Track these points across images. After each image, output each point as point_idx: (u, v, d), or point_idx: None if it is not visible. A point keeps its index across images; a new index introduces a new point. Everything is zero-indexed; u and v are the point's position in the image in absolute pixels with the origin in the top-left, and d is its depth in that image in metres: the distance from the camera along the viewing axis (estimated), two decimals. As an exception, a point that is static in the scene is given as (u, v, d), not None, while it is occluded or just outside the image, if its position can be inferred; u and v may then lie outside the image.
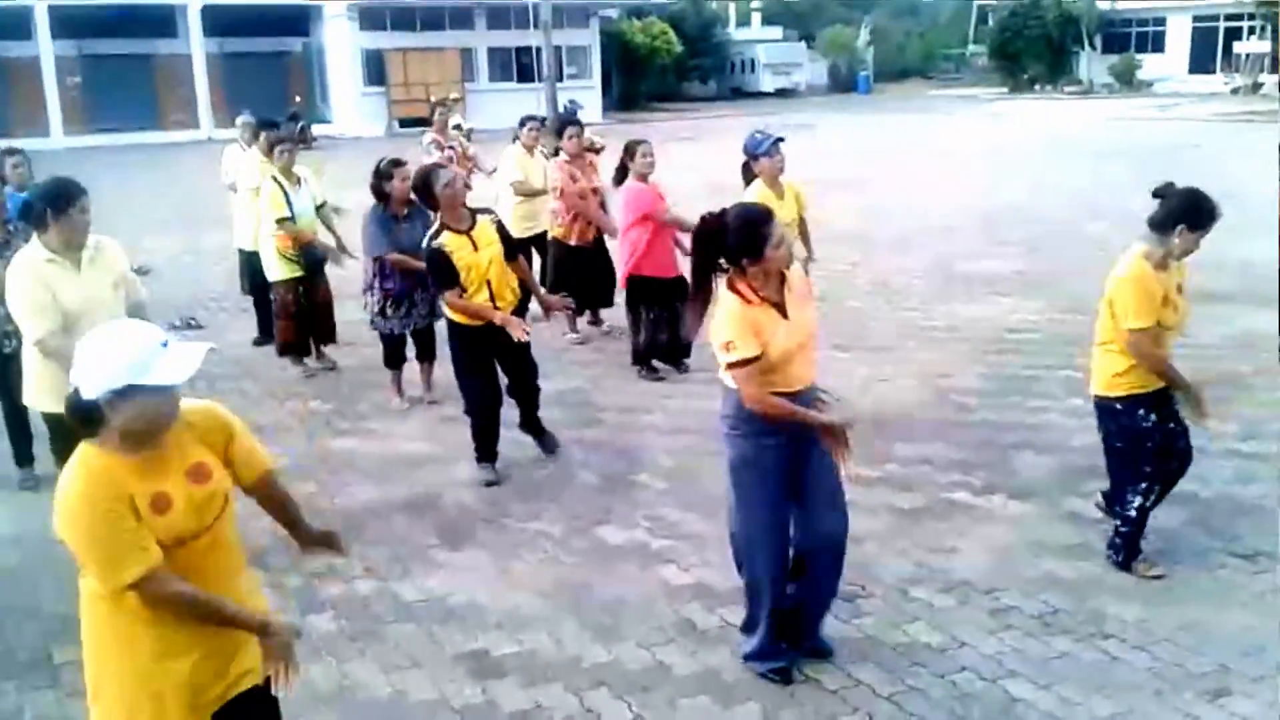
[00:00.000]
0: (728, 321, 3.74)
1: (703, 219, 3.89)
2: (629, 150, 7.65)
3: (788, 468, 3.88)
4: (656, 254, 7.61)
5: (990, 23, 53.47)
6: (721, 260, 3.83)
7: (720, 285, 3.84)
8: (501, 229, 5.88)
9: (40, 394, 4.83)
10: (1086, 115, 32.59)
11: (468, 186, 8.01)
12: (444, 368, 7.40)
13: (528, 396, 6.17)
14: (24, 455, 6.06)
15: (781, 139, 6.95)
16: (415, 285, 7.06)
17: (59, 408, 4.54)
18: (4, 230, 5.87)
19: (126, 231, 4.84)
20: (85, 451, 2.55)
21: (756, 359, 3.70)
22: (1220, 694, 3.88)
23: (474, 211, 5.86)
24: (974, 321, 9.13)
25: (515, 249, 6.01)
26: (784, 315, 3.77)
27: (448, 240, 5.66)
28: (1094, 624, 4.36)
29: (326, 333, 8.20)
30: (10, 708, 3.96)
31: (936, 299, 10.03)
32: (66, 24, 33.20)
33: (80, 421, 2.54)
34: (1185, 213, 4.45)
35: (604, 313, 9.07)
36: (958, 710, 3.81)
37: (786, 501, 3.94)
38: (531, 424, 6.28)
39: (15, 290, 4.63)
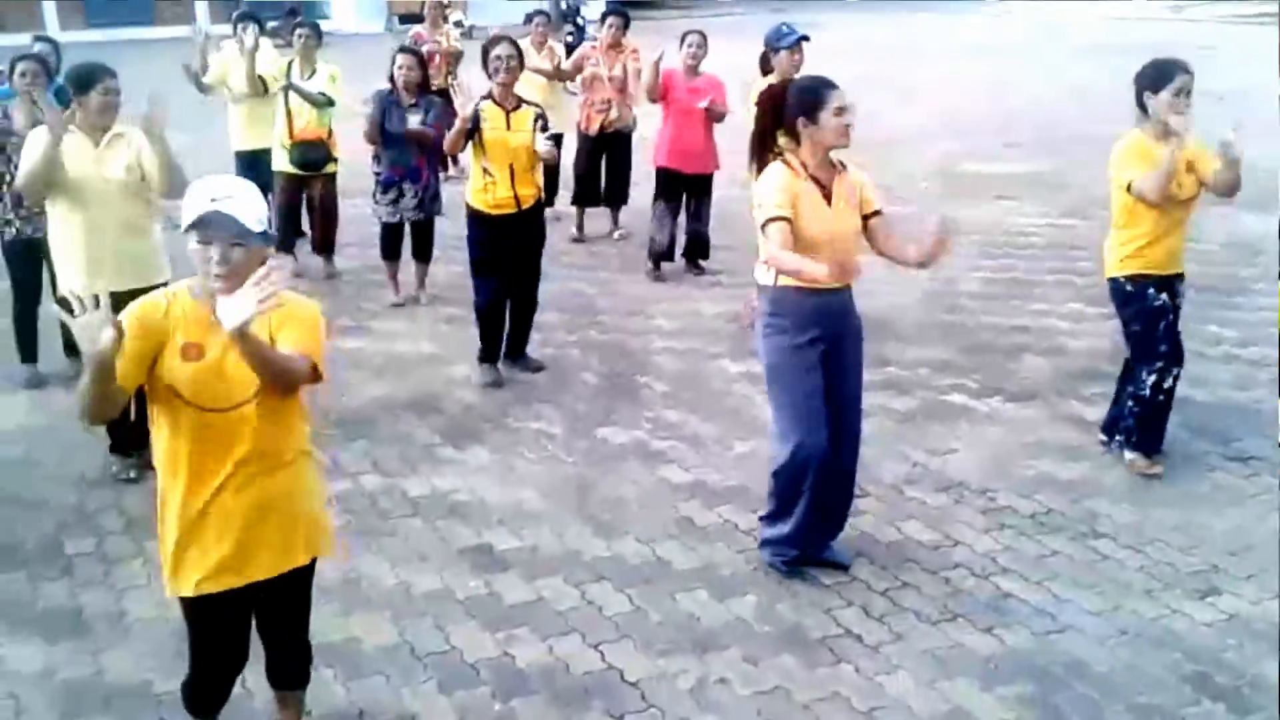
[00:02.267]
0: (770, 182, 3.74)
1: (770, 86, 3.93)
2: (682, 40, 7.60)
3: (820, 361, 3.87)
4: (678, 146, 7.53)
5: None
6: (780, 136, 3.82)
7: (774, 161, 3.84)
8: (543, 124, 5.79)
9: (66, 273, 4.91)
10: (1096, 14, 31.88)
11: (449, 83, 7.95)
12: (449, 268, 7.42)
13: (525, 304, 6.15)
14: (30, 353, 6.09)
15: (806, 37, 6.77)
16: (403, 174, 7.05)
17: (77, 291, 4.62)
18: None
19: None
20: (179, 284, 2.71)
21: (785, 220, 3.67)
22: (1209, 593, 3.97)
23: (522, 99, 5.87)
24: (976, 224, 9.07)
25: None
26: (828, 202, 3.76)
27: (487, 108, 5.73)
28: (1087, 524, 4.44)
29: (323, 242, 8.05)
30: (22, 597, 4.05)
31: (939, 200, 9.94)
32: (57, -85, 32.29)
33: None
34: (1147, 78, 4.55)
35: (609, 219, 9.02)
36: (950, 605, 3.90)
37: (821, 391, 3.90)
38: (518, 342, 6.22)
39: (27, 146, 4.76)
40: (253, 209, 2.60)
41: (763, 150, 3.90)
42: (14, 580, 4.15)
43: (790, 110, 3.79)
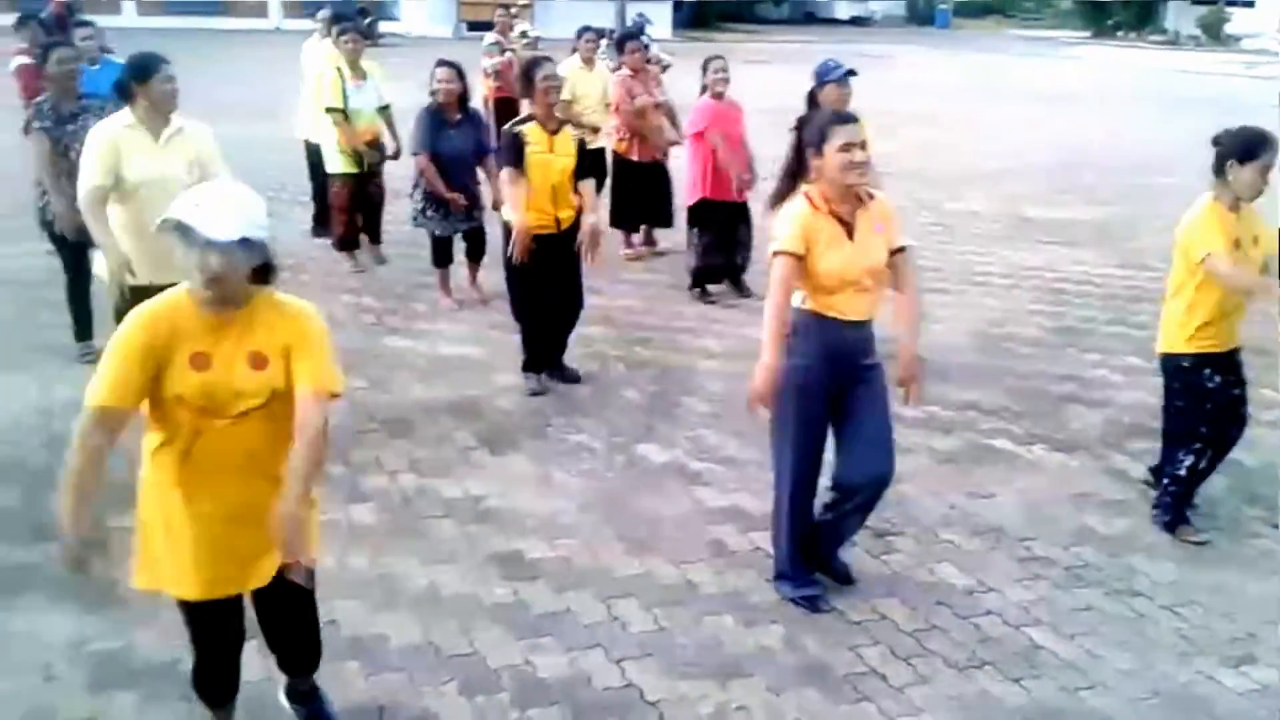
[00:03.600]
0: (784, 216, 3.78)
1: (799, 118, 4.03)
2: (705, 66, 7.58)
3: (825, 393, 3.86)
4: (719, 176, 7.54)
5: (1078, -37, 51.58)
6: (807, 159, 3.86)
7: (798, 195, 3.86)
8: (583, 149, 5.89)
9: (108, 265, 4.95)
10: (1169, 66, 31.54)
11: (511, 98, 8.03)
12: (498, 274, 7.45)
13: (569, 314, 6.17)
14: (85, 330, 6.21)
15: (854, 72, 6.77)
16: (453, 190, 7.11)
17: (130, 280, 4.70)
18: (77, 103, 5.94)
19: (191, 117, 4.87)
20: (179, 290, 2.71)
21: (796, 257, 3.69)
22: (1244, 660, 3.88)
23: (563, 121, 5.91)
24: (1034, 269, 8.99)
25: (588, 171, 5.98)
26: (850, 237, 3.75)
27: (529, 130, 5.74)
28: (1124, 580, 4.36)
29: (371, 231, 8.31)
30: (61, 568, 4.10)
31: (997, 243, 9.89)
32: (144, -98, 33.09)
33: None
34: (1233, 148, 4.38)
35: (660, 234, 9.03)
36: (978, 652, 3.85)
37: (821, 425, 3.92)
38: (558, 350, 6.24)
39: (88, 145, 4.74)
40: (232, 217, 2.59)
41: (787, 183, 3.98)
42: (55, 552, 4.21)
43: (805, 142, 3.82)
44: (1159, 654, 3.90)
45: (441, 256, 7.45)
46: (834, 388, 3.87)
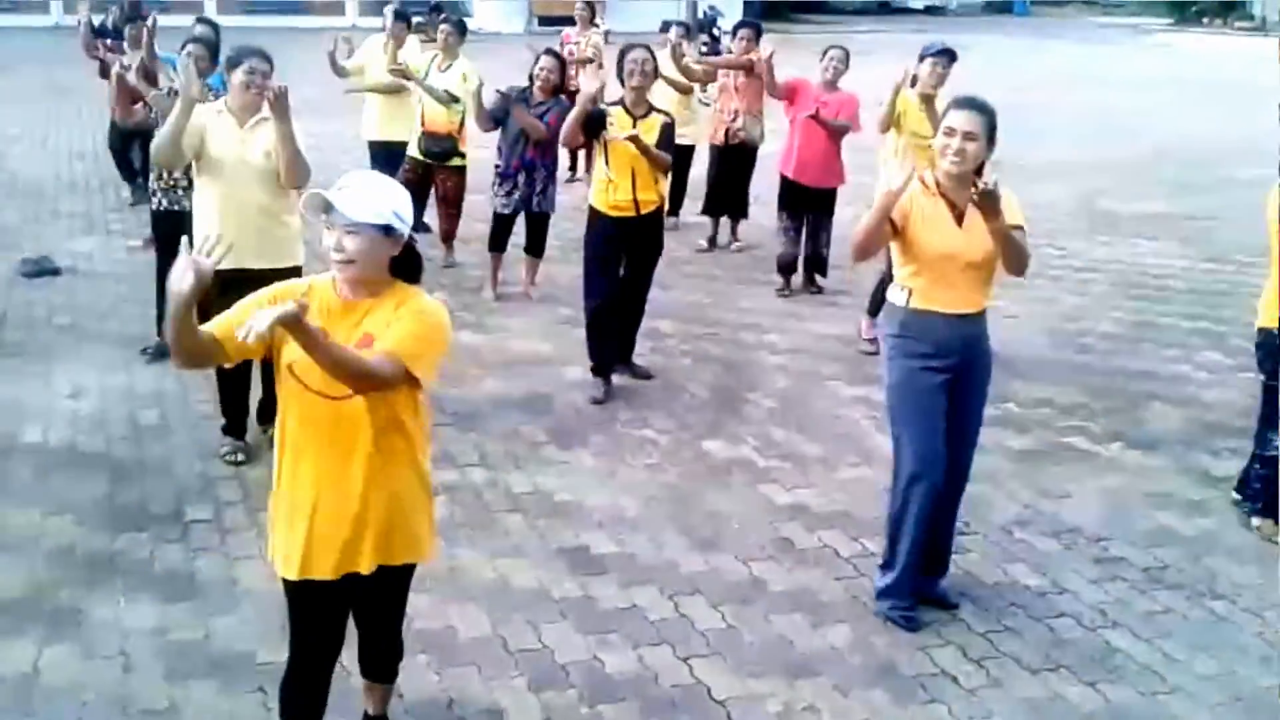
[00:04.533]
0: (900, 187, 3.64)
1: None
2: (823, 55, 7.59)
3: (944, 393, 3.79)
4: (800, 156, 7.49)
5: (1162, -52, 50.25)
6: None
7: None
8: (667, 135, 5.85)
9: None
10: (1256, 54, 30.54)
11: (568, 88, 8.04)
12: (570, 269, 7.48)
13: (634, 308, 6.17)
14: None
15: (952, 54, 6.65)
16: (519, 167, 7.16)
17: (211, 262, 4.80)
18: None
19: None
20: (322, 276, 2.80)
21: (892, 225, 3.63)
22: (1332, 667, 3.76)
23: (652, 107, 5.91)
24: (1113, 263, 8.80)
25: (672, 154, 5.98)
26: (959, 221, 3.70)
27: (616, 113, 5.77)
28: (1205, 583, 4.25)
29: (445, 232, 8.23)
30: (142, 556, 4.24)
31: (1076, 236, 9.68)
32: (223, -97, 33.78)
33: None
34: None
35: (724, 235, 9.03)
36: (1053, 654, 3.78)
37: (942, 427, 3.81)
38: (626, 346, 6.24)
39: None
40: (371, 202, 2.64)
41: None
42: (137, 540, 4.34)
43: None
44: (1241, 658, 3.79)
45: (498, 239, 7.49)
46: (950, 388, 3.79)
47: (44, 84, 16.53)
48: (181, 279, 2.51)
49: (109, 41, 9.25)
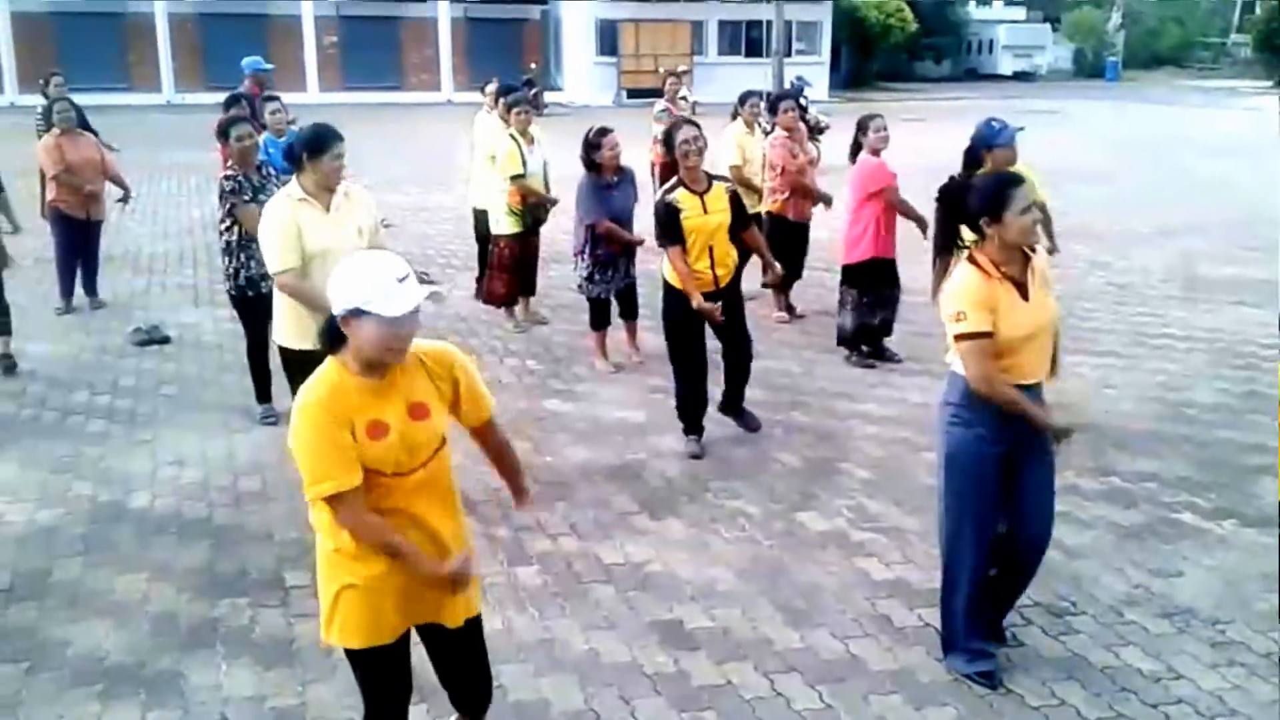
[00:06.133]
0: (962, 292, 3.62)
1: (950, 179, 3.86)
2: (861, 126, 7.46)
3: (1004, 466, 3.74)
4: (886, 235, 7.45)
5: (1258, 11, 49.42)
6: (962, 229, 3.78)
7: (960, 259, 3.76)
8: (735, 199, 5.91)
9: (282, 331, 5.21)
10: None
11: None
12: (658, 337, 7.51)
13: (740, 366, 6.18)
14: (264, 392, 6.53)
15: (1021, 128, 6.58)
16: (622, 251, 7.35)
17: (297, 344, 4.94)
18: (259, 174, 6.32)
19: (367, 187, 5.12)
20: (329, 366, 2.76)
21: (987, 335, 3.57)
22: None
23: (711, 177, 5.94)
24: (1215, 331, 8.53)
25: (748, 220, 6.07)
26: (1024, 297, 3.64)
27: (680, 197, 5.77)
28: (1331, 671, 4.03)
29: (528, 286, 8.59)
30: (243, 622, 4.30)
31: (1175, 304, 9.42)
32: (325, -14, 35.30)
33: (326, 337, 2.76)
34: None
35: (795, 299, 9.00)
36: (1169, 744, 3.61)
37: (999, 500, 3.80)
38: (735, 400, 6.27)
39: (266, 225, 5.02)
40: (402, 292, 2.64)
41: (945, 247, 3.91)
42: (237, 606, 4.41)
43: (973, 209, 3.68)
44: (1374, 754, 3.58)
45: (600, 319, 7.58)
46: (1010, 461, 3.75)
47: (155, 159, 17.29)
48: None
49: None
